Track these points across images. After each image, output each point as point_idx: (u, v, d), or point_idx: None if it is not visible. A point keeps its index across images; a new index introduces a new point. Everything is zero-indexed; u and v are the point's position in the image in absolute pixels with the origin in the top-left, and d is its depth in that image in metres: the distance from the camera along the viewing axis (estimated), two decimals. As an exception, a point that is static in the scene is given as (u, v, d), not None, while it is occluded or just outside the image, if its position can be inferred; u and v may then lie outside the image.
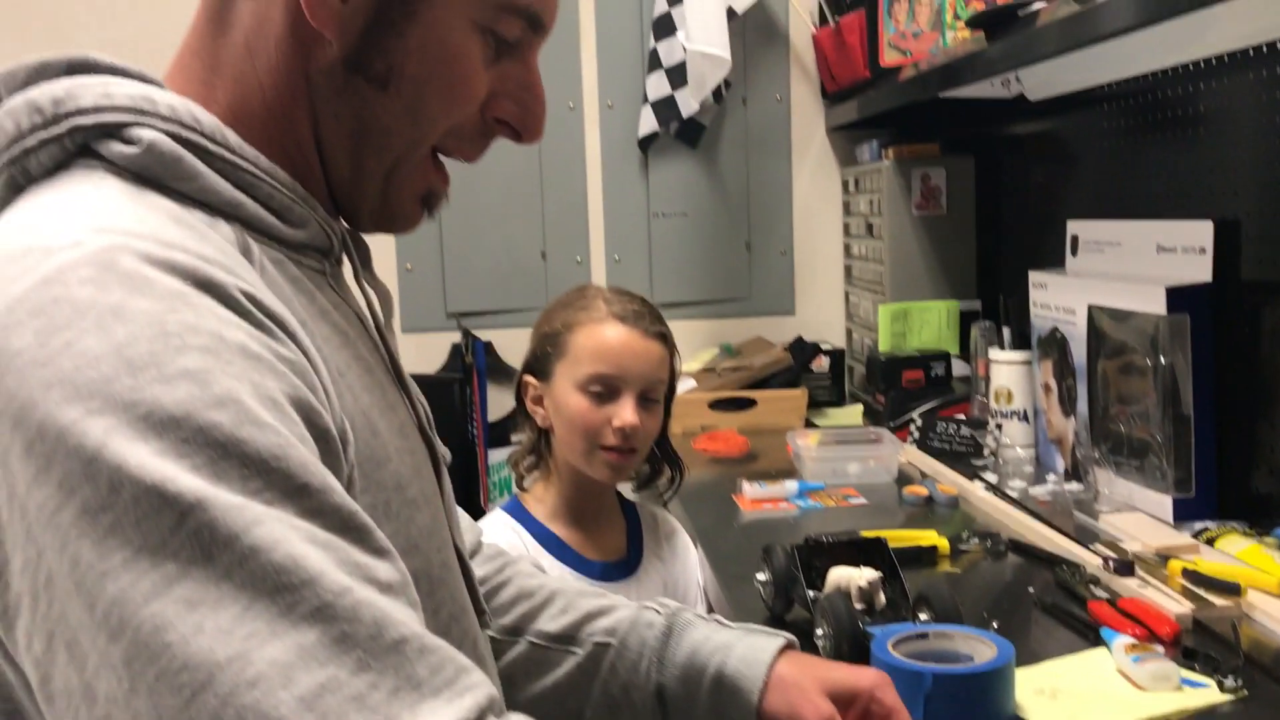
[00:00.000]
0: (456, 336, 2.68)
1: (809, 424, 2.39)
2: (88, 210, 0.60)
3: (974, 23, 1.75)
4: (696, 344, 2.76)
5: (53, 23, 2.53)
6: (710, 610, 1.53)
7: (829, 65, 2.58)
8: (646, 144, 2.68)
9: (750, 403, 2.39)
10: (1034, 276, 1.88)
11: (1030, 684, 1.05)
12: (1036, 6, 1.59)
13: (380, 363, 0.76)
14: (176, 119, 0.66)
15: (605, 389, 1.47)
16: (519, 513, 1.54)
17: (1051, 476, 1.80)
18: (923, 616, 1.12)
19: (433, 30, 0.69)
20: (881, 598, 1.17)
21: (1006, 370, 1.98)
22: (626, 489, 1.65)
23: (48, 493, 0.51)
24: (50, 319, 0.53)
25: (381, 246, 2.68)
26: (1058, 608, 1.26)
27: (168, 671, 0.49)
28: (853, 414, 2.46)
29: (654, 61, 2.61)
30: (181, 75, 0.72)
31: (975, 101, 2.16)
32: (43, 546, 0.51)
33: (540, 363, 1.53)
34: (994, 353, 2.00)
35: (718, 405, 2.39)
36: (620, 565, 1.54)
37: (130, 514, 0.50)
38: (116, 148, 0.64)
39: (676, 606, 0.98)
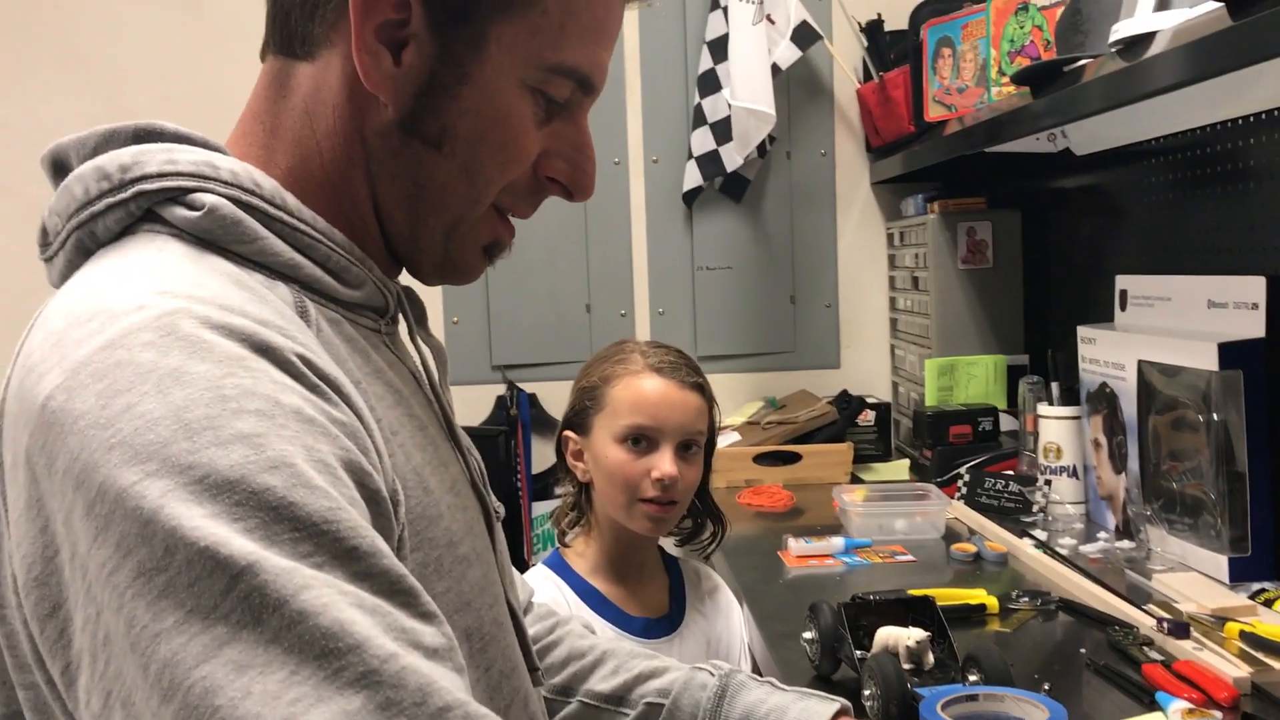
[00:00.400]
0: (501, 389, 2.70)
1: (855, 479, 2.37)
2: (152, 274, 0.62)
3: (1018, 79, 1.75)
4: (741, 397, 2.76)
5: (113, 82, 2.59)
6: (755, 668, 1.51)
7: (874, 120, 2.59)
8: (691, 198, 2.70)
9: (795, 457, 2.38)
10: (1082, 331, 1.87)
11: (1083, 749, 1.03)
12: (1082, 62, 1.59)
13: (434, 419, 0.77)
14: (238, 184, 0.68)
15: (643, 440, 1.48)
16: (561, 568, 1.54)
17: (1102, 534, 1.77)
18: (972, 678, 1.11)
19: (484, 92, 0.71)
20: (930, 658, 1.15)
21: (1055, 426, 1.96)
22: (669, 544, 1.64)
23: (106, 553, 0.52)
24: (112, 382, 0.55)
25: (428, 298, 2.69)
26: (1111, 670, 1.23)
27: None
28: (899, 469, 2.44)
29: (699, 117, 2.64)
30: (244, 139, 0.74)
31: (1021, 156, 2.15)
32: (101, 605, 0.52)
33: (579, 417, 1.54)
34: (1042, 408, 1.99)
35: (762, 459, 2.38)
36: (663, 622, 1.53)
37: (184, 576, 0.51)
38: (180, 212, 0.66)
39: (729, 668, 0.98)
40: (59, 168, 0.70)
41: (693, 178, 2.66)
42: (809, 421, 2.41)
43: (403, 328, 0.81)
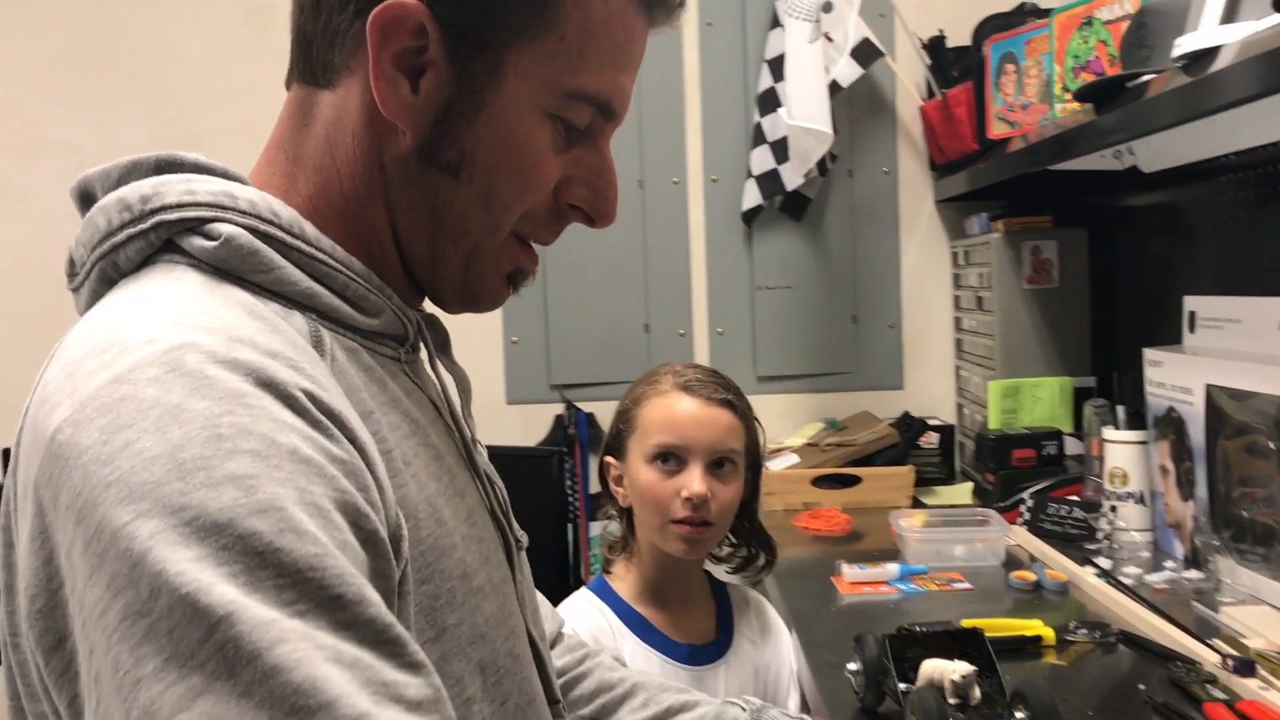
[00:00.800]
0: (560, 408, 2.69)
1: (916, 503, 2.32)
2: (167, 305, 0.62)
3: (1081, 95, 1.71)
4: (801, 418, 2.73)
5: (181, 107, 2.64)
6: (804, 699, 1.48)
7: (937, 137, 2.55)
8: (750, 217, 2.68)
9: (855, 480, 2.34)
10: (1149, 354, 1.81)
11: (1136, 792, 0.99)
12: (1146, 77, 1.55)
13: (453, 448, 0.77)
14: (255, 213, 0.68)
15: (672, 459, 1.46)
16: (604, 592, 1.52)
17: (1169, 564, 1.71)
18: (1019, 715, 1.07)
19: (502, 118, 0.71)
20: (976, 692, 1.12)
21: (1121, 450, 1.90)
22: (720, 571, 1.61)
23: (99, 593, 0.52)
24: (115, 417, 0.55)
25: (487, 318, 2.72)
26: (1170, 709, 1.18)
27: None
28: (962, 492, 2.39)
29: (758, 136, 2.62)
30: (267, 168, 0.75)
31: (1087, 173, 2.10)
32: (94, 644, 0.53)
33: (617, 441, 1.53)
34: (1108, 432, 1.93)
35: (821, 482, 2.34)
36: (709, 648, 1.50)
37: (165, 621, 0.50)
38: (198, 242, 0.67)
39: (761, 704, 0.96)
40: (86, 199, 0.71)
41: (752, 197, 2.64)
42: (869, 444, 2.37)
43: (425, 355, 0.81)
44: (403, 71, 0.69)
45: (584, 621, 1.46)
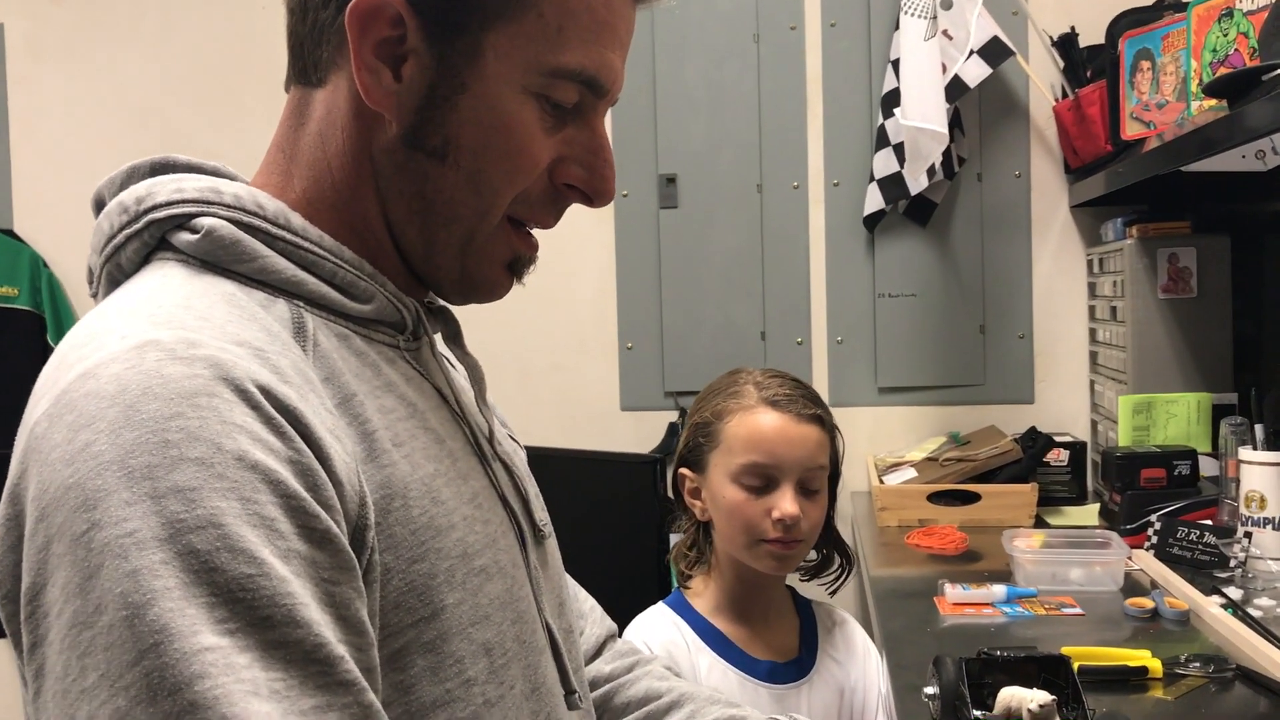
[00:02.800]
0: (674, 415, 2.67)
1: (1040, 522, 2.21)
2: (148, 301, 0.65)
3: (1211, 90, 1.60)
4: (924, 431, 2.63)
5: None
6: (889, 721, 1.41)
7: (1070, 139, 2.43)
8: (873, 222, 2.60)
9: (974, 497, 2.24)
10: (1290, 368, 1.68)
11: (1225, 843, 0.90)
12: (1282, 69, 1.43)
13: (460, 434, 0.77)
14: (240, 206, 0.70)
15: (761, 479, 1.39)
16: (681, 607, 1.48)
17: (1307, 597, 1.58)
18: (1099, 751, 0.99)
19: (484, 100, 0.71)
20: (1057, 725, 1.04)
21: (1259, 472, 1.77)
22: (794, 579, 1.56)
23: (54, 594, 0.56)
24: (79, 415, 0.58)
25: (604, 325, 2.72)
26: (1280, 753, 1.08)
27: None
28: (1090, 514, 2.26)
29: (881, 139, 2.54)
30: (267, 169, 0.77)
31: (1230, 175, 1.97)
32: (50, 640, 0.56)
33: (694, 454, 1.47)
34: (1245, 452, 1.80)
35: (938, 498, 2.25)
36: (791, 666, 1.44)
37: (104, 638, 0.53)
38: (184, 236, 0.70)
39: None
40: (100, 208, 0.74)
41: (874, 201, 2.57)
42: (989, 459, 2.27)
43: (433, 343, 0.82)
44: (384, 61, 0.70)
45: (658, 636, 1.42)
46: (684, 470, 1.49)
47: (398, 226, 0.75)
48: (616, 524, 2.21)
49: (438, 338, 0.83)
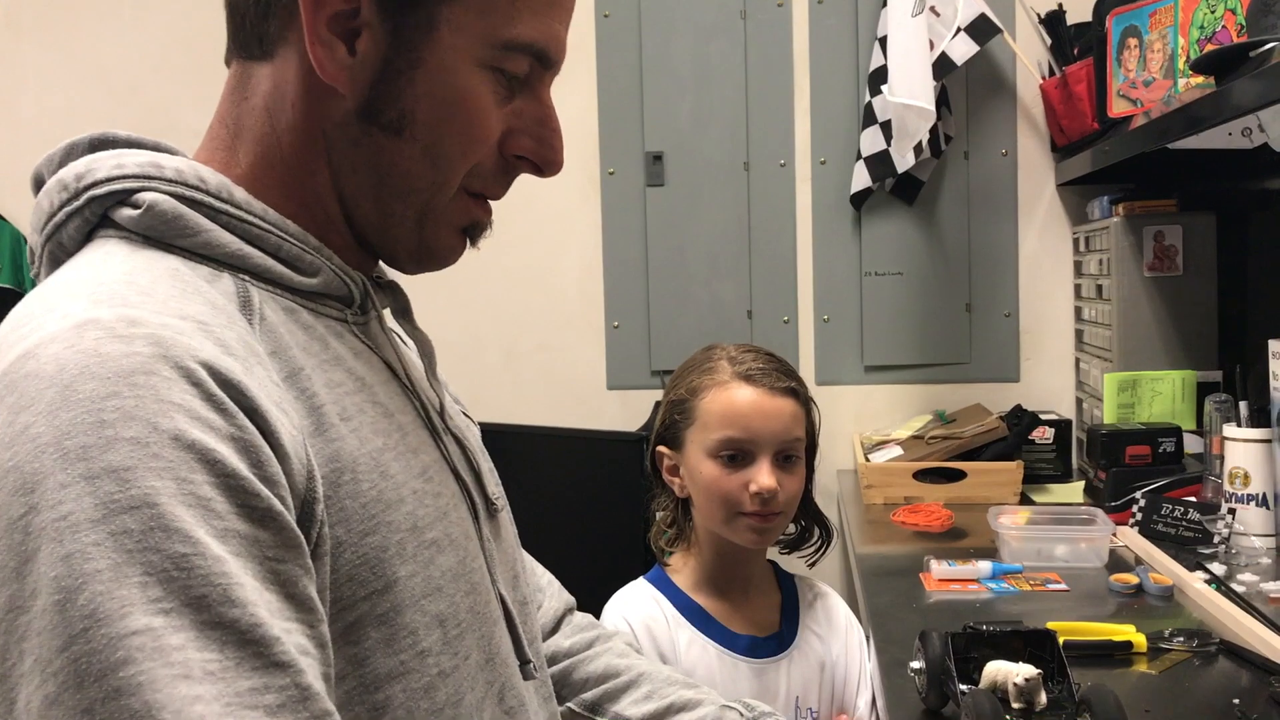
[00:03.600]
0: (661, 394, 2.65)
1: (1025, 499, 2.22)
2: (90, 278, 0.64)
3: (1199, 66, 1.60)
4: (909, 410, 2.64)
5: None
6: (873, 700, 1.42)
7: (1057, 117, 2.43)
8: (860, 200, 2.60)
9: (960, 474, 2.24)
10: (1275, 345, 1.68)
11: (1209, 814, 0.91)
12: (1270, 45, 1.43)
13: (409, 408, 0.77)
14: (181, 180, 0.70)
15: (738, 453, 1.39)
16: (661, 582, 1.48)
17: (1290, 572, 1.59)
18: (1084, 724, 0.99)
19: (438, 74, 0.71)
20: (1042, 697, 1.05)
21: (1243, 449, 1.77)
22: (774, 552, 1.56)
23: None
24: (19, 396, 0.57)
25: (590, 304, 2.71)
26: (1263, 726, 1.09)
27: None
28: (1075, 491, 2.27)
29: (869, 116, 2.53)
30: (211, 144, 0.76)
31: (1216, 153, 1.96)
32: None
33: (671, 431, 1.47)
34: (1229, 429, 1.80)
35: (924, 476, 2.25)
36: (771, 640, 1.44)
37: (37, 623, 0.53)
38: (125, 212, 0.69)
39: (763, 709, 0.94)
40: (39, 186, 0.74)
41: (861, 179, 2.56)
42: (975, 437, 2.27)
43: (380, 317, 0.81)
44: (338, 35, 0.70)
45: (638, 612, 1.42)
46: (661, 448, 1.49)
47: (351, 200, 0.75)
48: (603, 502, 2.21)
49: (386, 313, 0.83)
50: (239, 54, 0.76)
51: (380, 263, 0.82)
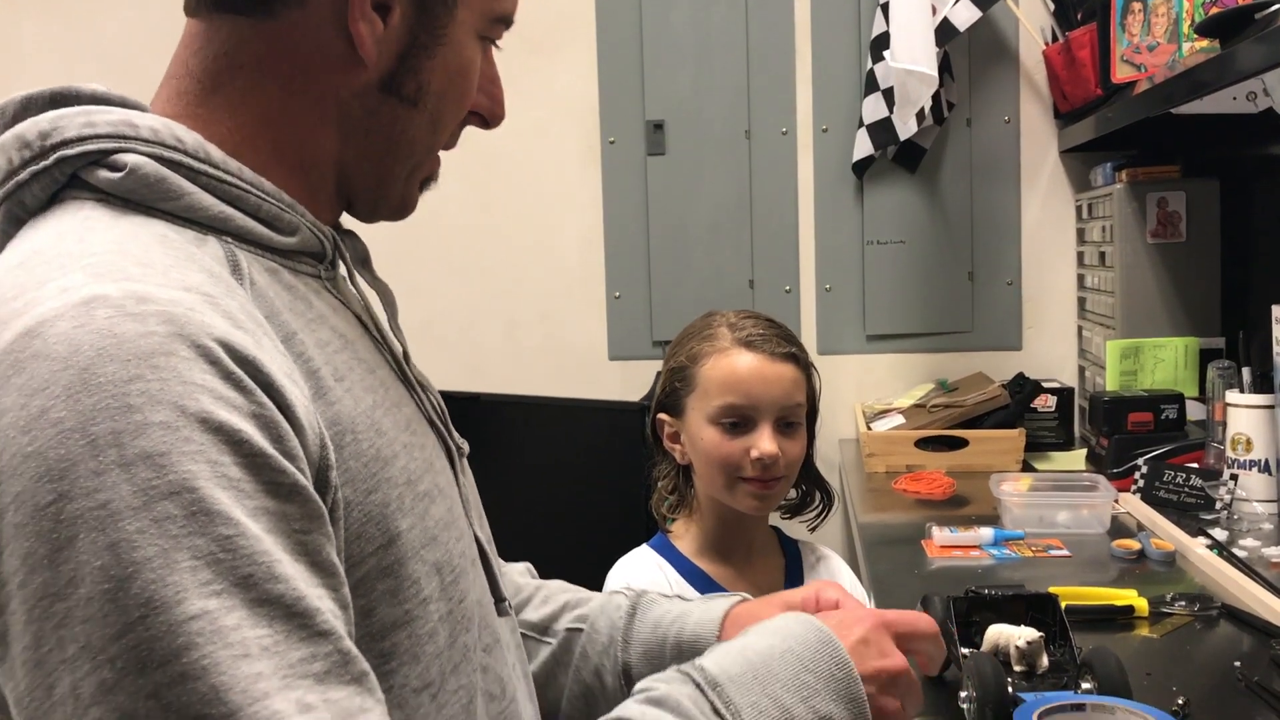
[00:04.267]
0: (661, 364, 2.65)
1: (1027, 467, 2.22)
2: (78, 248, 0.63)
3: (1203, 29, 1.58)
4: (912, 379, 2.63)
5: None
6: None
7: (1060, 83, 2.41)
8: (862, 169, 2.58)
9: (962, 442, 2.24)
10: (1277, 311, 1.67)
11: (1210, 774, 0.91)
12: (1275, 7, 1.42)
13: (384, 362, 0.78)
14: (159, 140, 0.68)
15: (739, 419, 1.39)
16: (664, 548, 1.48)
17: (1292, 537, 1.59)
18: (1085, 685, 0.99)
19: (453, 48, 0.75)
20: (1044, 660, 1.05)
21: (1245, 415, 1.77)
22: (776, 518, 1.56)
23: (15, 564, 0.55)
24: (30, 377, 0.56)
25: (591, 274, 2.70)
26: (1264, 688, 1.09)
27: None
28: (1077, 459, 2.27)
29: (871, 83, 2.52)
30: (177, 99, 0.73)
31: (1220, 119, 1.95)
32: (12, 609, 0.55)
33: (671, 399, 1.47)
34: (1232, 395, 1.80)
35: (925, 444, 2.25)
36: (776, 606, 1.44)
37: (81, 611, 0.53)
38: (103, 174, 0.67)
39: (641, 590, 1.03)
40: None
41: (863, 147, 2.55)
42: (977, 405, 2.27)
43: (343, 271, 0.82)
44: (376, 12, 0.72)
45: (641, 577, 1.42)
46: (662, 415, 1.49)
47: (354, 165, 0.76)
48: (605, 472, 2.21)
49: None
50: (218, 7, 0.73)
51: (344, 214, 0.82)
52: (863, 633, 0.81)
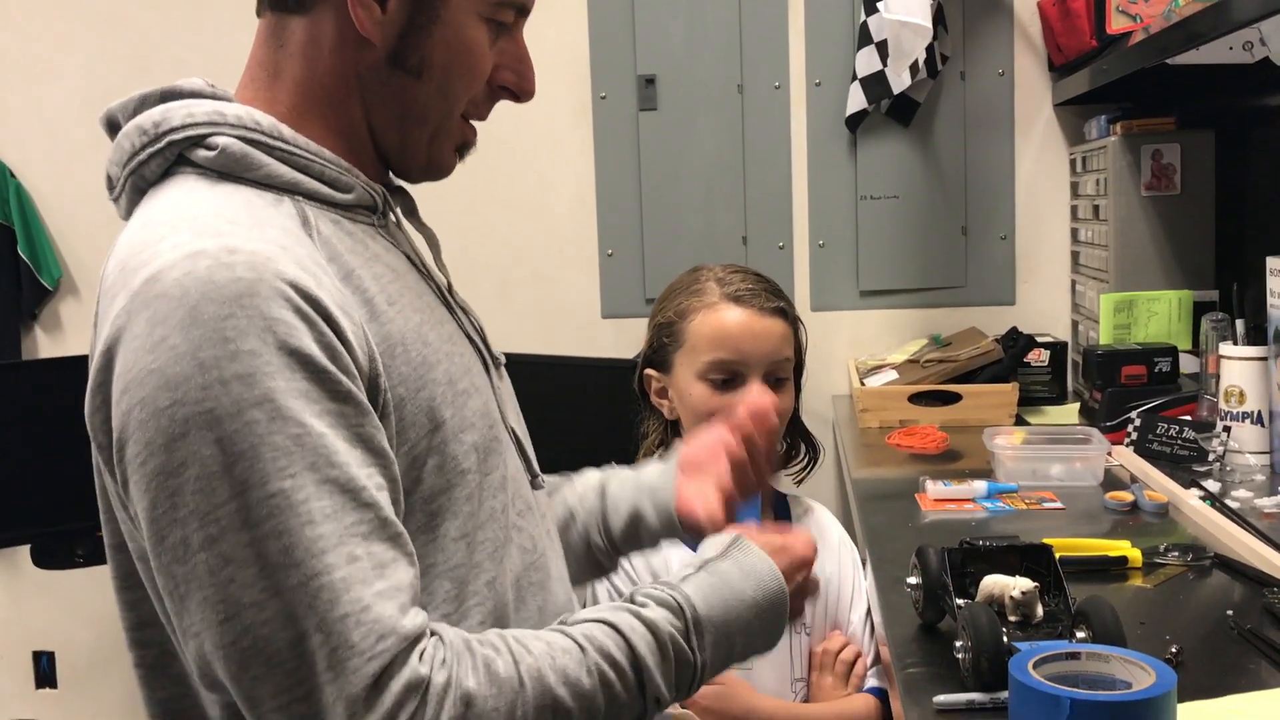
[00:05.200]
0: (655, 321, 2.65)
1: (1020, 421, 2.22)
2: (186, 211, 0.82)
3: (1200, -25, 1.56)
4: (905, 334, 2.63)
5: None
6: (867, 612, 1.43)
7: (1054, 35, 2.39)
8: (855, 123, 2.57)
9: (955, 397, 2.24)
10: (1272, 262, 1.67)
11: (1203, 719, 0.91)
12: (1274, -47, 1.40)
13: (429, 290, 0.96)
14: (242, 125, 0.87)
15: (728, 375, 1.40)
16: None
17: (1285, 488, 1.59)
18: (1080, 634, 1.00)
19: (451, 27, 0.90)
20: (1039, 610, 1.05)
21: (1239, 367, 1.77)
22: None
23: (137, 449, 0.76)
24: (154, 311, 0.76)
25: (583, 232, 2.69)
26: (1257, 635, 1.10)
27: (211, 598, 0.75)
28: (1070, 412, 2.27)
29: (864, 36, 2.49)
30: (251, 85, 0.93)
31: (1216, 69, 1.94)
32: (135, 481, 0.77)
33: (659, 354, 1.47)
34: (1225, 347, 1.80)
35: (919, 399, 2.25)
36: (768, 560, 1.45)
37: (191, 485, 0.74)
38: (201, 153, 0.86)
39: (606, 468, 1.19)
40: (113, 127, 0.91)
41: (857, 101, 2.53)
42: (970, 360, 2.27)
43: (394, 219, 1.00)
44: None
45: None
46: (649, 371, 1.49)
47: (379, 130, 0.93)
48: (598, 429, 2.21)
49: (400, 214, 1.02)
50: (273, 7, 0.91)
51: (391, 174, 0.99)
52: (795, 576, 1.00)
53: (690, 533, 1.10)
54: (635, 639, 0.86)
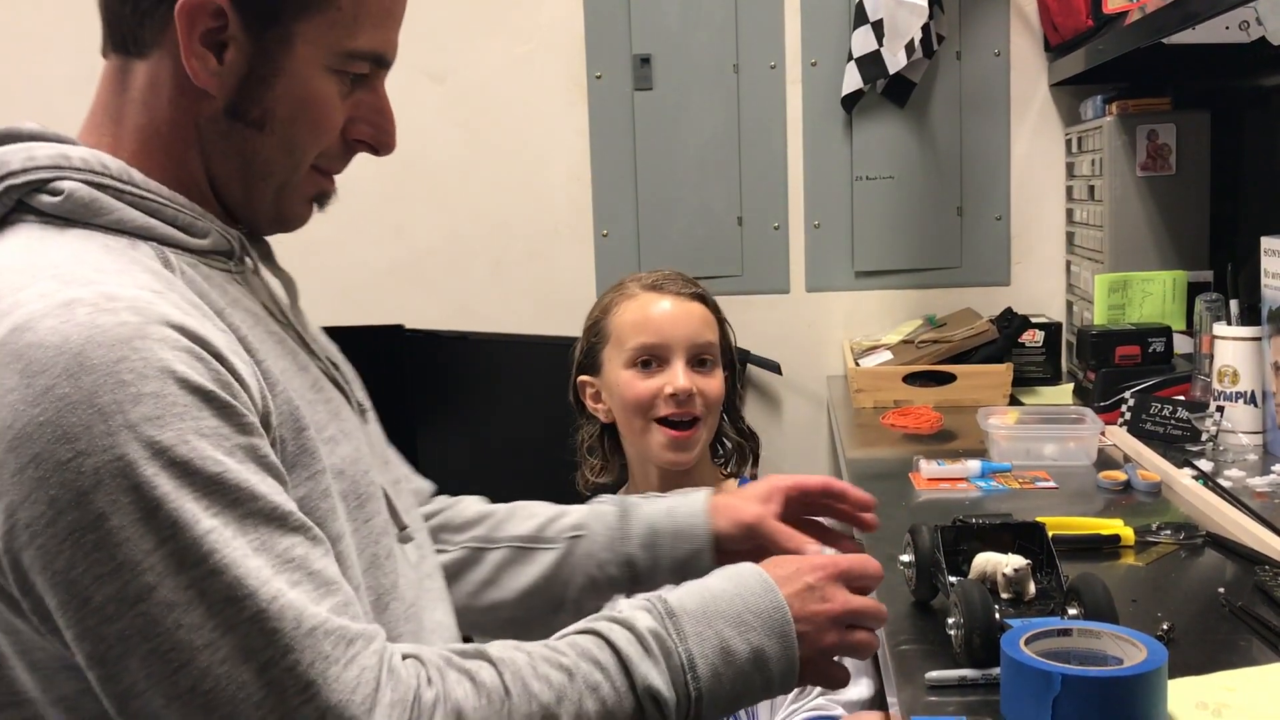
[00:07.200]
0: (650, 302, 2.65)
1: (1015, 401, 2.22)
2: (41, 260, 0.78)
3: (1196, -47, 1.56)
4: (900, 315, 2.63)
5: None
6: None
7: (1051, 15, 2.39)
8: (850, 103, 2.56)
9: (950, 377, 2.25)
10: (1267, 243, 1.67)
11: (1193, 695, 0.92)
12: (1269, -68, 1.40)
13: (290, 335, 0.93)
14: (88, 168, 0.83)
15: (653, 359, 1.44)
16: None
17: (1277, 468, 1.60)
18: (1072, 611, 1.00)
19: (295, 79, 0.86)
20: (1031, 588, 1.06)
21: (1232, 347, 1.78)
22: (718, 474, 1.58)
23: (39, 510, 0.69)
24: (29, 362, 0.71)
25: (578, 211, 2.68)
26: (1248, 613, 1.10)
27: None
28: (1064, 393, 2.27)
29: (860, 16, 2.48)
30: (96, 130, 0.89)
31: (1212, 49, 1.94)
32: (35, 548, 0.70)
33: (589, 358, 1.52)
34: (1219, 328, 1.80)
35: (913, 379, 2.25)
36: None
37: (114, 536, 0.70)
38: (44, 199, 0.81)
39: (618, 496, 1.17)
40: None
41: (852, 81, 2.52)
42: (965, 340, 2.27)
43: (250, 265, 0.95)
44: (208, 47, 0.84)
45: None
46: (583, 377, 1.52)
47: (220, 181, 0.89)
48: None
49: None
50: (115, 49, 0.87)
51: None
52: (810, 580, 0.93)
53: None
54: (614, 636, 0.86)
